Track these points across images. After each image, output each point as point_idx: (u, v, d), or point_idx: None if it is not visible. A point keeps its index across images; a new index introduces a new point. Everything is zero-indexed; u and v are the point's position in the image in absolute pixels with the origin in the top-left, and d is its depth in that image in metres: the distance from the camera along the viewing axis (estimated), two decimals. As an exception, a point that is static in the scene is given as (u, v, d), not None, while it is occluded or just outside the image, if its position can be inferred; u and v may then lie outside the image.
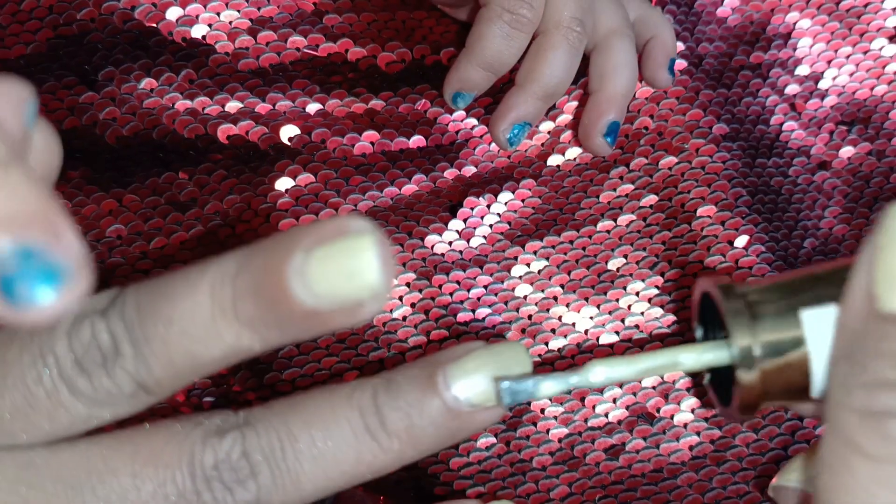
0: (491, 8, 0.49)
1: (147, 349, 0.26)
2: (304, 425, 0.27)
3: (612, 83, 0.51)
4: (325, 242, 0.25)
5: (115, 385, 0.26)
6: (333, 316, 0.25)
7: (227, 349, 0.26)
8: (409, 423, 0.27)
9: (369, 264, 0.24)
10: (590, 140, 0.52)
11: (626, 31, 0.52)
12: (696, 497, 0.46)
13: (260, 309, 0.25)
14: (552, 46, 0.49)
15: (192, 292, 0.26)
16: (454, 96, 0.51)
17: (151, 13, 0.52)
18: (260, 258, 0.25)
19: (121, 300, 0.27)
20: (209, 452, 0.27)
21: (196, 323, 0.26)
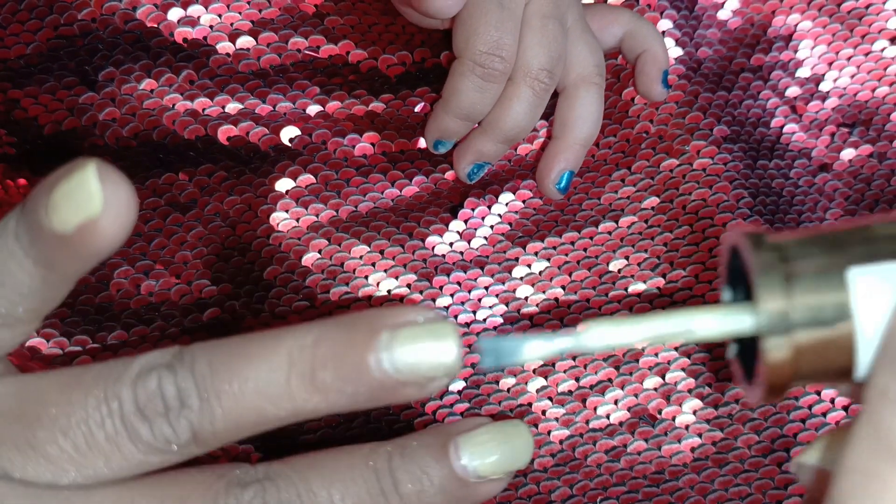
0: (463, 62, 0.49)
1: (216, 403, 0.28)
2: (323, 483, 0.29)
3: (573, 133, 0.52)
4: (411, 325, 0.27)
5: (175, 434, 0.28)
6: (406, 389, 0.28)
7: (295, 411, 0.28)
8: (420, 489, 0.29)
9: (451, 348, 0.27)
10: (542, 185, 0.52)
11: (594, 80, 0.52)
12: (698, 499, 0.46)
13: (339, 378, 0.28)
14: (517, 97, 0.50)
15: (270, 355, 0.28)
16: (435, 143, 0.52)
17: (153, 14, 0.52)
18: (343, 331, 0.28)
19: (189, 356, 0.28)
20: (232, 501, 0.29)
21: (271, 384, 0.28)
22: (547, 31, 0.50)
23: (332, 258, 0.49)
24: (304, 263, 0.49)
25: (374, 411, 0.46)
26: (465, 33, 0.49)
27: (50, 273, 0.29)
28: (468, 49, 0.49)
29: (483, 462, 0.30)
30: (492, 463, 0.30)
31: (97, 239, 0.28)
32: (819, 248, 0.25)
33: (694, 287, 0.51)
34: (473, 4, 0.49)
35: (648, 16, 0.56)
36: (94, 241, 0.28)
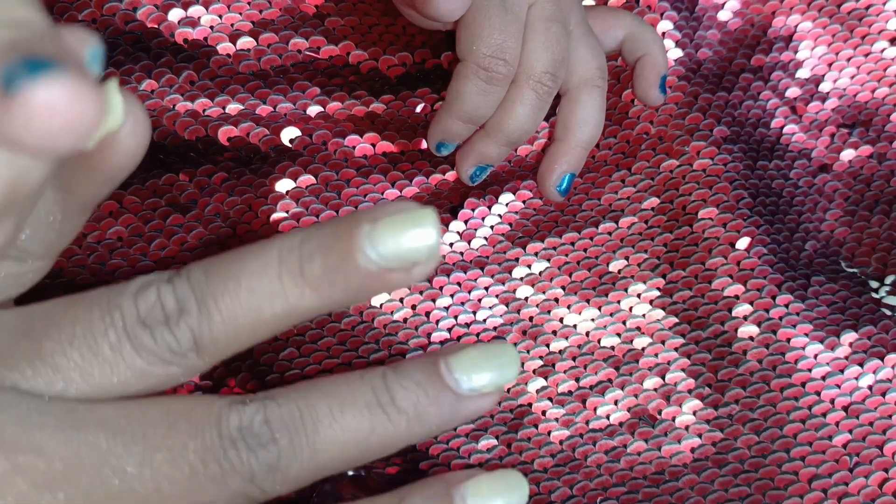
0: (467, 65, 0.49)
1: (213, 305, 0.29)
2: (322, 398, 0.30)
3: (575, 136, 0.52)
4: (391, 214, 0.29)
5: (176, 341, 0.29)
6: (392, 274, 0.29)
7: (289, 308, 0.29)
8: (416, 401, 0.30)
9: (430, 228, 0.28)
10: (543, 187, 0.52)
11: (597, 83, 0.52)
12: (698, 499, 0.46)
13: (326, 268, 0.29)
14: (520, 100, 0.50)
15: (260, 257, 0.29)
16: (437, 146, 0.52)
17: (153, 14, 0.52)
18: (327, 228, 0.29)
19: (186, 270, 0.30)
20: (234, 416, 0.30)
21: (263, 282, 0.29)
22: (550, 35, 0.50)
23: (333, 259, 0.49)
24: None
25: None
26: (468, 37, 0.49)
27: (68, 197, 0.30)
28: (472, 53, 0.49)
29: (474, 375, 0.31)
30: (482, 376, 0.31)
31: (116, 155, 0.29)
32: None
33: (693, 287, 0.51)
34: (477, 8, 0.49)
35: (648, 17, 0.56)
36: (112, 158, 0.29)
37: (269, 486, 0.30)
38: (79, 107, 0.24)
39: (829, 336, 0.50)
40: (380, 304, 0.49)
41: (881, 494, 0.46)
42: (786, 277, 0.51)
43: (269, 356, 0.47)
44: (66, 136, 0.24)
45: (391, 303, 0.49)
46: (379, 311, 0.49)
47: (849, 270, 0.53)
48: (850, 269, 0.53)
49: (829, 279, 0.52)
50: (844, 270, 0.53)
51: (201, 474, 0.30)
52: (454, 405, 0.31)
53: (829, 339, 0.50)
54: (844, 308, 0.51)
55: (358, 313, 0.48)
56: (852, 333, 0.50)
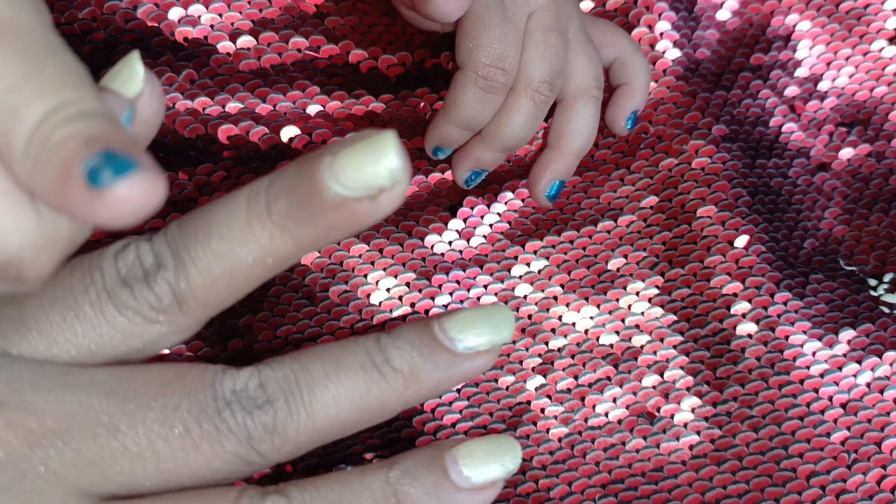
0: (466, 73, 0.50)
1: (187, 256, 0.30)
2: (315, 358, 0.31)
3: (567, 144, 0.52)
4: (351, 143, 0.29)
5: (155, 296, 0.30)
6: (359, 204, 0.29)
7: (262, 252, 0.30)
8: (411, 360, 0.30)
9: (389, 151, 0.28)
10: (533, 192, 0.53)
11: (592, 93, 0.52)
12: (697, 496, 0.46)
13: (292, 205, 0.29)
14: (517, 108, 0.50)
15: (229, 204, 0.30)
16: (434, 150, 0.52)
17: (153, 13, 0.52)
18: (290, 168, 0.29)
19: (162, 229, 0.31)
20: (229, 380, 0.30)
21: (233, 227, 0.29)
22: (549, 44, 0.50)
23: (332, 256, 0.49)
24: (303, 262, 0.49)
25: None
26: (468, 44, 0.49)
27: None
28: (471, 60, 0.49)
29: (468, 334, 0.31)
30: (477, 334, 0.31)
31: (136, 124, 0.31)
32: None
33: (692, 285, 0.51)
34: (478, 15, 0.49)
35: (646, 18, 0.56)
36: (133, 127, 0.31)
37: (266, 448, 0.30)
38: (150, 198, 0.26)
39: (828, 333, 0.50)
40: (379, 303, 0.49)
41: (879, 491, 0.46)
42: (784, 275, 0.51)
43: (267, 355, 0.47)
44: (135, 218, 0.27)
45: (390, 301, 0.49)
46: (378, 308, 0.49)
47: (847, 268, 0.53)
48: (848, 267, 0.53)
49: (828, 277, 0.52)
50: (843, 268, 0.53)
51: (195, 433, 0.30)
52: (450, 364, 0.31)
53: (827, 337, 0.50)
54: (843, 306, 0.51)
55: (357, 311, 0.49)
56: (851, 331, 0.50)
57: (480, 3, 0.49)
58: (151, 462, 0.30)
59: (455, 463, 0.31)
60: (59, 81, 0.27)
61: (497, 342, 0.31)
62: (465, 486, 0.31)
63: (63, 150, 0.26)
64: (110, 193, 0.26)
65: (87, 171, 0.26)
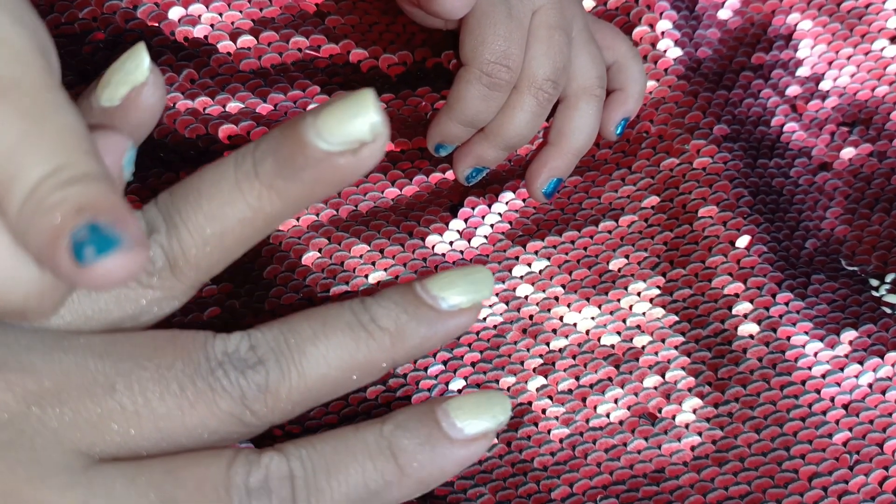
0: (470, 70, 0.49)
1: (178, 218, 0.31)
2: (303, 320, 0.31)
3: (568, 143, 0.52)
4: (332, 102, 0.30)
5: (149, 261, 0.31)
6: (342, 158, 0.30)
7: (251, 212, 0.31)
8: (396, 318, 0.31)
9: (369, 106, 0.29)
10: (530, 188, 0.53)
11: (595, 92, 0.52)
12: (698, 498, 0.46)
13: (278, 163, 0.30)
14: (521, 106, 0.50)
15: (217, 167, 0.31)
16: (436, 147, 0.52)
17: (154, 13, 0.52)
18: (275, 130, 0.30)
19: (156, 196, 0.31)
20: (220, 343, 0.31)
21: (222, 188, 0.31)
22: (553, 42, 0.50)
23: (333, 257, 0.49)
24: (304, 262, 0.49)
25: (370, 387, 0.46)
26: (472, 42, 0.49)
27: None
28: (475, 58, 0.49)
29: (450, 292, 0.32)
30: (459, 291, 0.32)
31: (139, 111, 0.32)
32: None
33: (694, 286, 0.51)
34: (482, 12, 0.49)
35: (647, 17, 0.56)
36: (136, 113, 0.32)
37: (259, 408, 0.31)
38: (130, 271, 0.27)
39: (830, 334, 0.50)
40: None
41: (881, 492, 0.46)
42: (786, 276, 0.51)
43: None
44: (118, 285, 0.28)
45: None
46: (379, 309, 0.49)
47: (849, 269, 0.53)
48: (850, 268, 0.53)
49: (830, 277, 0.52)
50: (845, 269, 0.53)
51: (190, 392, 0.30)
52: (434, 321, 0.32)
53: (829, 338, 0.50)
54: (845, 306, 0.51)
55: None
56: (852, 331, 0.50)
57: (485, 1, 0.49)
58: (148, 421, 0.30)
59: (447, 415, 0.32)
60: (58, 144, 0.28)
61: (477, 300, 0.32)
62: (457, 436, 0.32)
63: (53, 218, 0.27)
64: (92, 270, 0.27)
65: (73, 244, 0.27)
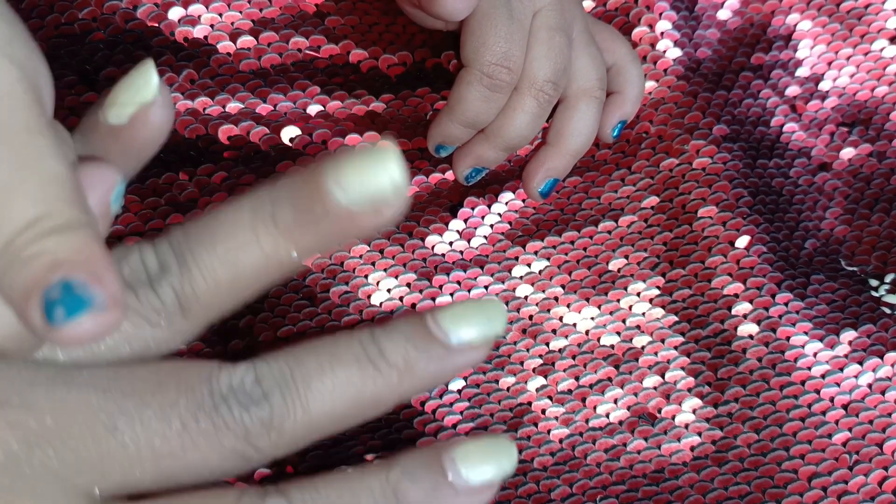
0: (471, 72, 0.49)
1: (191, 260, 0.30)
2: (310, 352, 0.31)
3: (566, 144, 0.52)
4: (354, 154, 0.29)
5: (159, 299, 0.30)
6: (362, 213, 0.29)
7: (265, 258, 0.30)
8: (405, 353, 0.31)
9: (393, 164, 0.29)
10: (526, 187, 0.53)
11: (595, 93, 0.52)
12: (698, 498, 0.46)
13: (296, 212, 0.29)
14: (521, 107, 0.50)
15: (234, 210, 0.30)
16: (437, 148, 0.52)
17: (153, 13, 0.52)
18: (295, 177, 0.30)
19: (166, 234, 0.31)
20: (224, 376, 0.30)
21: (237, 233, 0.30)
22: (553, 44, 0.50)
23: (332, 257, 0.49)
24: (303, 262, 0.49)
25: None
26: (474, 43, 0.49)
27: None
28: (476, 59, 0.49)
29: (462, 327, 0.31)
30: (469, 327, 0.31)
31: (147, 129, 0.31)
32: None
33: (693, 286, 0.51)
34: (484, 14, 0.49)
35: (647, 17, 0.56)
36: (144, 131, 0.31)
37: (264, 444, 0.30)
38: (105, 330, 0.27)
39: (829, 334, 0.50)
40: (379, 304, 0.49)
41: (881, 492, 0.46)
42: (785, 276, 0.51)
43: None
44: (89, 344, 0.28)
45: (391, 302, 0.49)
46: (379, 309, 0.49)
47: (848, 269, 0.53)
48: (849, 268, 0.53)
49: (829, 277, 0.52)
50: (844, 269, 0.53)
51: (193, 430, 0.30)
52: (444, 357, 0.31)
53: (828, 338, 0.50)
54: (844, 306, 0.51)
55: (357, 312, 0.49)
56: (852, 332, 0.50)
57: (487, 2, 0.49)
58: (149, 460, 0.30)
59: (454, 464, 0.31)
60: (38, 193, 0.28)
61: (490, 335, 0.32)
62: (462, 486, 0.31)
63: (28, 272, 0.27)
64: (62, 330, 0.27)
65: (45, 303, 0.27)
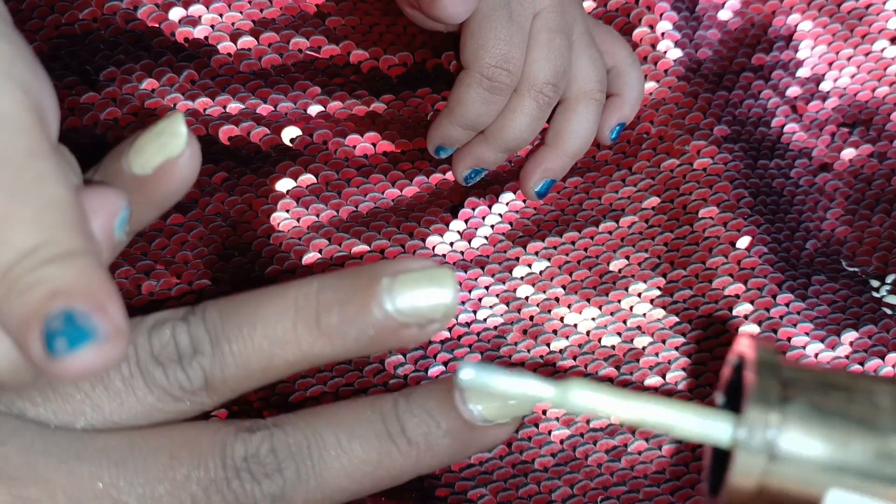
0: (471, 74, 0.50)
1: (227, 348, 0.30)
2: (330, 427, 0.30)
3: (565, 145, 0.52)
4: (411, 270, 0.29)
5: (188, 379, 0.30)
6: (407, 331, 0.29)
7: (301, 356, 0.30)
8: (427, 431, 0.30)
9: (448, 289, 0.29)
10: (523, 186, 0.53)
11: (595, 96, 0.52)
12: (699, 499, 0.46)
13: (343, 320, 0.29)
14: (521, 109, 0.50)
15: (277, 303, 0.30)
16: (437, 149, 0.52)
17: (154, 13, 0.52)
18: (345, 279, 0.29)
19: (201, 309, 0.30)
20: (240, 445, 0.30)
21: (278, 329, 0.29)
22: (553, 46, 0.50)
23: (333, 258, 0.49)
24: (304, 263, 0.49)
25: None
26: (474, 45, 0.49)
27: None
28: (476, 61, 0.49)
29: (489, 406, 0.30)
30: (498, 407, 0.30)
31: (172, 181, 0.31)
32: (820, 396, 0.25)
33: (694, 286, 0.51)
34: (484, 17, 0.49)
35: (648, 18, 0.56)
36: (168, 184, 0.31)
37: None
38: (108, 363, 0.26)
39: (830, 335, 0.50)
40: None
41: (882, 493, 0.46)
42: (786, 276, 0.51)
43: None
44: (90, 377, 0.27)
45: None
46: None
47: (850, 269, 0.53)
48: (850, 269, 0.53)
49: (830, 278, 0.52)
50: (845, 269, 0.53)
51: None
52: (467, 436, 0.30)
53: (829, 339, 0.50)
54: (845, 307, 0.51)
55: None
56: (853, 332, 0.50)
57: (486, 4, 0.49)
58: None
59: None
60: (39, 220, 0.27)
61: (518, 415, 0.31)
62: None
63: (28, 300, 0.26)
64: (63, 362, 0.26)
65: (46, 333, 0.26)
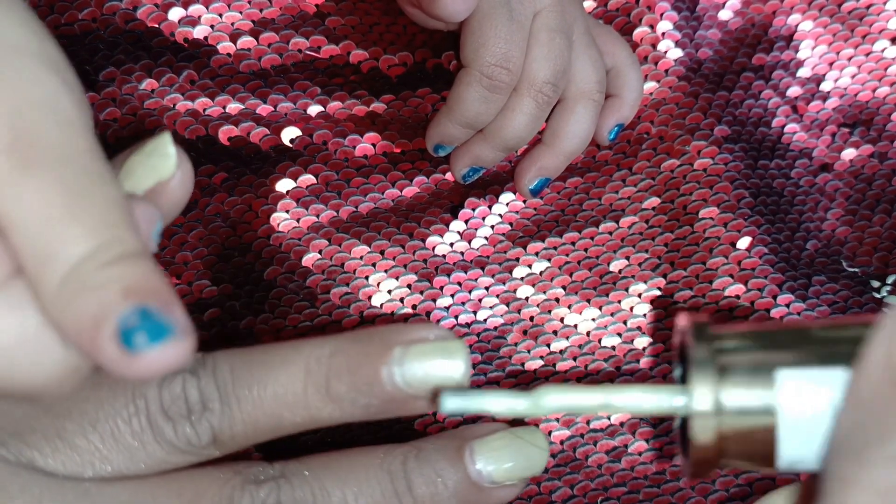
0: (470, 72, 0.50)
1: (237, 407, 0.30)
2: (337, 482, 0.30)
3: (561, 145, 0.52)
4: (422, 341, 0.29)
5: (197, 435, 0.30)
6: (416, 402, 0.29)
7: (310, 418, 0.30)
8: (434, 491, 0.30)
9: (459, 364, 0.29)
10: (518, 182, 0.53)
11: (594, 96, 0.52)
12: (699, 499, 0.46)
13: (352, 389, 0.29)
14: (520, 108, 0.50)
15: (288, 365, 0.30)
16: (436, 147, 0.52)
17: (153, 14, 0.52)
18: (358, 345, 0.29)
19: (211, 363, 0.30)
20: (247, 498, 0.30)
21: (288, 392, 0.30)
22: (553, 45, 0.50)
23: (333, 258, 0.49)
24: (304, 264, 0.49)
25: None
26: (474, 44, 0.49)
27: None
28: (476, 60, 0.49)
29: (498, 468, 0.30)
30: (506, 469, 0.30)
31: (163, 204, 0.30)
32: (755, 345, 0.27)
33: (695, 287, 0.51)
34: (484, 15, 0.49)
35: (648, 17, 0.56)
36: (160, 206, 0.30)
37: None
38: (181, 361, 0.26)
39: (831, 336, 0.50)
40: (380, 304, 0.49)
41: (882, 494, 0.46)
42: (787, 277, 0.51)
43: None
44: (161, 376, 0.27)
45: (392, 303, 0.49)
46: (379, 310, 0.49)
47: (850, 270, 0.53)
48: (851, 269, 0.53)
49: (831, 279, 0.52)
50: (846, 270, 0.53)
51: None
52: (473, 497, 0.30)
53: (830, 339, 0.50)
54: (846, 308, 0.51)
55: (358, 314, 0.48)
56: (853, 333, 0.50)
57: (487, 3, 0.49)
58: None
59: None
60: (102, 219, 0.26)
61: (528, 476, 0.31)
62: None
63: (99, 297, 0.25)
64: (142, 358, 0.25)
65: (122, 330, 0.25)
